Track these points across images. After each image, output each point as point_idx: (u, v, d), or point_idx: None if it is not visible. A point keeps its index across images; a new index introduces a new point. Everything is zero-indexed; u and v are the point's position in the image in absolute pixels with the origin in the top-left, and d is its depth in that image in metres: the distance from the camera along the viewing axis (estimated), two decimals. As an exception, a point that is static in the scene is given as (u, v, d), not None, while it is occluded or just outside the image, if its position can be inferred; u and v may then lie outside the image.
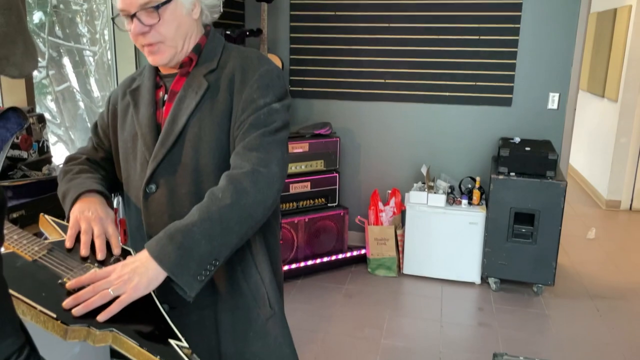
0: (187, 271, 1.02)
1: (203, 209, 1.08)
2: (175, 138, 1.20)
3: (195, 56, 1.25)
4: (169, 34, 1.19)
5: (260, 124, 1.17)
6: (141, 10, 1.15)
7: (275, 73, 1.22)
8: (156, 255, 1.03)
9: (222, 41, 1.30)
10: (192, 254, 1.03)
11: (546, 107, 3.70)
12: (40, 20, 3.08)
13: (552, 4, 3.57)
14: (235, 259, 1.21)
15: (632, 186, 5.28)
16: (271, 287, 1.25)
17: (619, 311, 3.31)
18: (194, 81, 1.23)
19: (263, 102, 1.18)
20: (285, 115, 1.22)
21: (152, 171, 1.21)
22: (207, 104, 1.20)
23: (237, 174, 1.12)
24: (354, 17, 3.89)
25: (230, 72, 1.22)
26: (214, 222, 1.06)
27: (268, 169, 1.13)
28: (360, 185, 4.13)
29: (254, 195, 1.10)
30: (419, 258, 3.69)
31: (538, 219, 3.33)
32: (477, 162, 3.88)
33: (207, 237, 1.04)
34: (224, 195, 1.09)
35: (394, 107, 3.96)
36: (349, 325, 3.10)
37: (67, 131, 3.49)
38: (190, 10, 1.22)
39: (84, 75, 3.47)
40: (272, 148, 1.16)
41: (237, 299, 1.22)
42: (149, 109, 1.26)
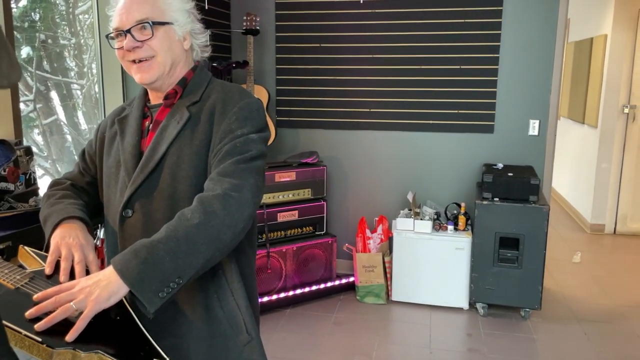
0: (148, 286, 1.03)
1: (171, 228, 1.09)
2: (154, 165, 1.24)
3: (180, 89, 1.31)
4: (160, 50, 1.26)
5: (236, 151, 1.20)
6: (136, 25, 1.23)
7: (255, 106, 1.27)
8: (119, 269, 1.04)
9: (208, 76, 1.36)
10: (155, 270, 1.04)
11: (527, 134, 3.79)
12: (28, 55, 3.12)
13: (529, 34, 3.69)
14: (212, 287, 1.23)
15: (615, 210, 5.37)
16: (247, 313, 1.25)
17: (607, 334, 3.33)
18: (177, 112, 1.28)
19: (240, 132, 1.22)
20: (262, 147, 1.24)
21: (129, 196, 1.24)
22: (188, 134, 1.25)
23: (208, 196, 1.14)
24: (338, 49, 3.98)
25: (212, 104, 1.27)
26: (180, 240, 1.07)
27: (240, 194, 1.14)
28: (348, 213, 4.16)
29: (223, 217, 1.11)
30: (407, 284, 3.70)
31: (523, 243, 3.37)
32: (462, 188, 3.94)
33: (171, 255, 1.05)
34: (192, 216, 1.10)
35: (379, 135, 4.03)
36: (339, 353, 3.08)
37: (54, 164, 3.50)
38: (182, 39, 1.31)
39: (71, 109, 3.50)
40: (246, 175, 1.18)
41: (213, 326, 1.23)
42: (134, 137, 1.31)
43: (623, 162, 5.28)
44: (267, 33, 4.07)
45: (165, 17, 1.27)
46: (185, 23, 1.31)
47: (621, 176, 5.30)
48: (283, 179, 3.66)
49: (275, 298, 3.58)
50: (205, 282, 1.22)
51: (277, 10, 4.05)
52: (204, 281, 1.22)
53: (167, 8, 1.28)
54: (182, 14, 1.31)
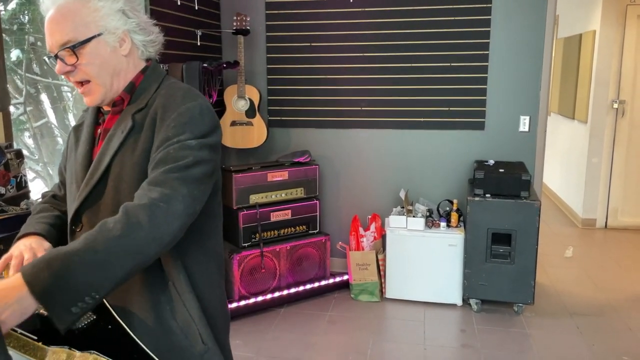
0: (59, 301, 0.95)
1: (90, 238, 1.02)
2: (98, 177, 1.19)
3: (127, 95, 1.24)
4: (92, 73, 1.18)
5: (169, 159, 1.12)
6: (62, 50, 1.16)
7: (197, 110, 1.17)
8: (28, 280, 0.96)
9: (159, 78, 1.27)
10: (68, 283, 0.96)
11: (518, 130, 3.81)
12: (18, 57, 3.11)
13: (519, 31, 3.71)
14: (163, 298, 1.19)
15: (606, 205, 5.41)
16: (202, 323, 1.21)
17: (599, 327, 3.36)
18: (123, 120, 1.22)
19: (177, 139, 1.14)
20: (202, 153, 1.15)
21: (75, 209, 1.22)
22: (130, 144, 1.18)
23: (134, 205, 1.06)
24: (329, 48, 3.99)
25: (154, 111, 1.19)
26: (98, 253, 0.99)
27: (168, 205, 1.06)
28: (341, 212, 4.17)
29: (148, 230, 1.04)
30: (400, 282, 3.71)
31: (515, 238, 3.39)
32: (454, 185, 3.96)
33: (87, 268, 0.98)
34: (114, 226, 1.03)
35: (371, 133, 4.04)
36: (333, 352, 3.09)
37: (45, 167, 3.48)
38: (117, 47, 1.20)
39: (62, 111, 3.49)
40: (177, 184, 1.09)
41: (167, 338, 1.18)
42: (85, 146, 1.27)
43: (613, 157, 5.32)
44: (257, 33, 4.07)
45: (90, 30, 1.16)
46: (118, 26, 1.20)
47: (611, 170, 5.35)
48: (275, 179, 3.67)
49: (269, 297, 3.59)
50: (156, 294, 1.19)
51: (267, 10, 4.05)
52: (155, 293, 1.19)
53: (92, 19, 1.17)
54: (112, 17, 1.19)
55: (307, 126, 4.12)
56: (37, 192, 3.00)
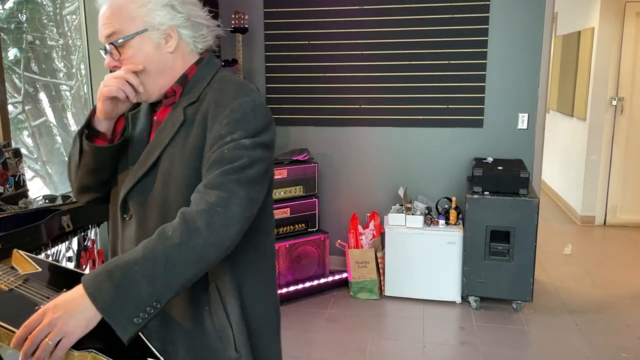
0: (122, 313, 0.95)
1: (148, 247, 1.00)
2: (146, 169, 1.18)
3: (179, 88, 1.21)
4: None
5: (224, 160, 1.08)
6: (108, 45, 1.16)
7: (249, 106, 1.13)
8: (91, 292, 0.96)
9: (213, 70, 1.23)
10: (130, 294, 0.96)
11: (516, 127, 3.81)
12: (16, 56, 3.11)
13: (517, 28, 3.71)
14: (204, 298, 1.17)
15: (605, 202, 5.41)
16: (239, 330, 1.18)
17: (598, 325, 3.37)
18: (174, 113, 1.19)
19: (230, 138, 1.10)
20: (257, 153, 1.11)
21: (123, 196, 1.20)
22: (181, 139, 1.16)
23: (191, 212, 1.04)
24: (327, 46, 3.99)
25: (205, 107, 1.16)
26: (158, 262, 0.98)
27: (226, 209, 1.04)
28: (340, 210, 4.17)
29: (207, 236, 1.02)
30: (399, 279, 3.72)
31: (514, 236, 3.40)
32: (453, 182, 3.96)
33: (148, 278, 0.97)
34: (173, 234, 1.01)
35: (370, 131, 4.04)
36: (333, 349, 3.10)
37: (44, 166, 3.48)
38: (161, 44, 1.17)
39: (60, 110, 3.48)
40: (234, 187, 1.06)
41: (202, 338, 1.17)
42: (142, 133, 1.26)
43: (612, 154, 5.33)
44: (255, 31, 4.07)
45: (134, 26, 1.14)
46: (163, 22, 1.16)
47: (610, 168, 5.35)
48: (274, 177, 3.66)
49: (268, 295, 3.59)
50: (197, 293, 1.17)
51: (266, 8, 4.04)
52: (196, 292, 1.17)
53: (137, 14, 1.15)
54: (158, 12, 1.16)
55: (306, 124, 4.12)
56: (36, 191, 3.00)
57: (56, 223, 1.81)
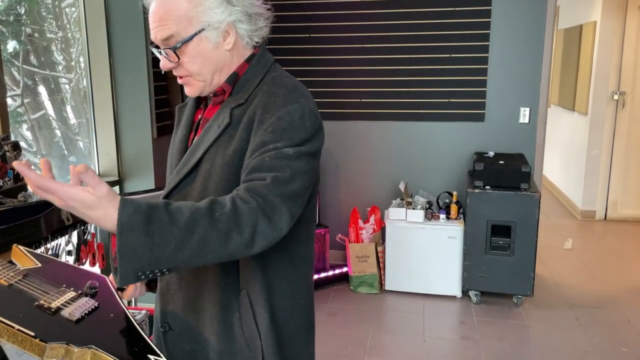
0: (137, 260, 0.91)
1: (195, 217, 0.96)
2: (188, 169, 1.15)
3: (229, 87, 1.16)
4: (193, 70, 1.13)
5: (264, 168, 1.03)
6: (164, 47, 1.11)
7: (298, 114, 1.07)
8: (122, 222, 0.90)
9: (265, 67, 1.18)
10: (154, 251, 0.92)
11: (518, 121, 3.80)
12: (15, 49, 3.09)
13: (519, 22, 3.69)
14: (235, 304, 1.15)
15: (606, 196, 5.40)
16: (267, 340, 1.15)
17: (598, 320, 3.37)
18: (222, 113, 1.15)
19: (273, 147, 1.05)
20: (299, 163, 1.05)
21: (165, 195, 1.19)
22: (225, 141, 1.12)
23: (244, 207, 0.99)
24: (328, 39, 3.96)
25: (252, 110, 1.11)
26: (194, 237, 0.94)
27: (269, 221, 1.00)
28: (340, 204, 4.16)
29: (245, 238, 0.98)
30: (400, 274, 3.71)
31: (514, 230, 3.39)
32: (454, 176, 3.95)
33: (178, 246, 0.93)
34: (220, 218, 0.97)
35: (371, 125, 4.02)
36: (333, 343, 3.10)
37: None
38: (219, 42, 1.12)
39: (59, 103, 3.46)
40: (279, 201, 1.02)
41: (230, 344, 1.15)
42: (184, 130, 1.24)
43: (613, 149, 5.31)
44: (256, 24, 4.04)
45: (192, 27, 1.09)
46: (221, 20, 1.10)
47: (611, 162, 5.34)
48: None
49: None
50: (228, 298, 1.15)
51: (265, 0, 4.01)
52: (226, 297, 1.15)
53: (194, 14, 1.09)
54: (216, 10, 1.10)
55: (306, 118, 4.10)
56: (35, 184, 2.99)
57: (56, 216, 1.80)
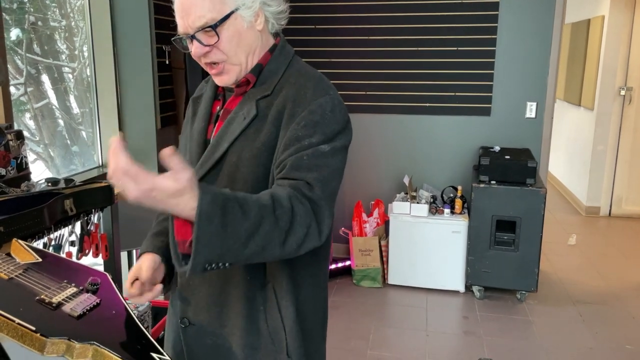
0: (207, 252, 0.90)
1: (262, 213, 0.95)
2: (214, 162, 1.13)
3: (253, 77, 1.15)
4: (230, 52, 1.10)
5: (303, 167, 1.03)
6: (199, 31, 1.08)
7: (329, 107, 1.08)
8: (201, 210, 0.88)
9: (287, 59, 1.18)
10: (226, 242, 0.91)
11: (524, 116, 3.77)
12: (18, 37, 3.06)
13: (527, 15, 3.64)
14: (260, 298, 1.14)
15: (611, 193, 5.37)
16: (292, 334, 1.15)
17: (602, 316, 3.35)
18: (246, 104, 1.13)
19: (308, 142, 1.04)
20: (335, 160, 1.07)
21: None
22: (252, 133, 1.10)
23: (301, 208, 0.99)
24: (333, 31, 3.93)
25: (281, 102, 1.10)
26: (260, 233, 0.94)
27: (318, 224, 1.01)
28: (344, 197, 4.14)
29: (297, 240, 0.99)
30: (403, 268, 3.70)
31: (519, 226, 3.37)
32: (458, 171, 3.92)
33: (245, 240, 0.93)
34: (281, 217, 0.96)
35: (375, 118, 4.00)
36: (335, 337, 3.09)
37: (46, 148, 3.45)
38: (253, 22, 1.11)
39: (63, 92, 3.44)
40: (324, 204, 1.02)
41: (254, 338, 1.15)
42: (201, 122, 1.21)
43: (619, 145, 5.28)
44: (261, 15, 4.00)
45: (227, 6, 1.07)
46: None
47: (617, 158, 5.30)
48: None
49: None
50: (254, 292, 1.14)
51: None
52: (252, 291, 1.14)
53: None
54: None
55: (311, 110, 4.07)
56: (38, 174, 2.97)
57: (59, 207, 1.78)
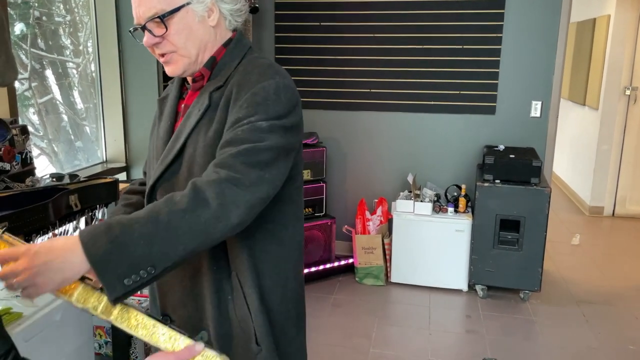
0: (113, 269, 0.90)
1: (153, 210, 0.97)
2: (173, 156, 1.15)
3: (207, 71, 1.18)
4: (179, 44, 1.13)
5: (236, 140, 1.05)
6: (149, 22, 1.11)
7: (272, 89, 1.09)
8: (85, 242, 0.90)
9: (243, 51, 1.19)
10: (124, 252, 0.91)
11: (529, 115, 3.75)
12: (22, 31, 3.06)
13: (533, 14, 3.63)
14: (227, 287, 1.16)
15: (615, 192, 5.36)
16: (258, 321, 1.16)
17: (605, 316, 3.34)
18: (201, 98, 1.16)
19: (247, 121, 1.07)
20: (272, 135, 1.07)
21: (151, 186, 1.19)
22: (205, 124, 1.13)
23: (202, 182, 1.01)
24: (338, 28, 3.91)
25: (229, 90, 1.13)
26: (160, 225, 0.94)
27: (237, 188, 1.01)
28: (347, 195, 4.14)
29: (214, 209, 0.98)
30: (406, 266, 3.69)
31: (523, 225, 3.36)
32: (463, 170, 3.91)
33: (146, 239, 0.93)
34: (180, 200, 0.98)
35: (380, 116, 3.98)
36: (338, 334, 3.08)
37: (50, 143, 3.44)
38: (204, 17, 1.14)
39: (67, 87, 3.43)
40: (245, 168, 1.03)
41: (227, 327, 1.17)
42: (167, 121, 1.24)
43: (623, 145, 5.26)
44: (266, 11, 4.00)
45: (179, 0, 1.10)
46: None
47: (621, 158, 5.28)
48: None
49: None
50: (220, 282, 1.16)
51: (277, -13, 3.97)
52: (219, 280, 1.16)
53: None
54: None
55: (315, 107, 4.07)
56: (42, 169, 2.97)
57: (64, 202, 1.78)
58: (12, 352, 0.75)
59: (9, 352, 0.75)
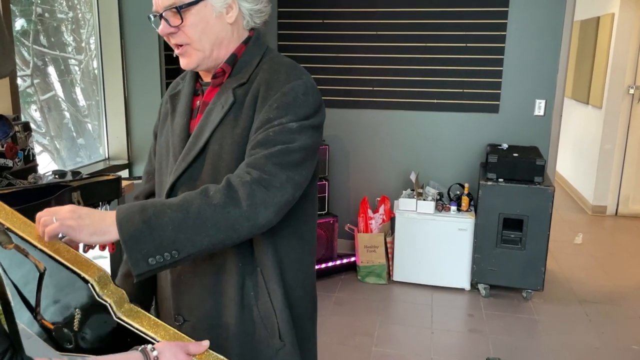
0: (140, 247, 0.98)
1: (187, 199, 1.03)
2: (196, 153, 1.15)
3: (228, 68, 1.18)
4: (194, 37, 1.13)
5: (269, 142, 1.07)
6: (167, 10, 1.11)
7: (302, 90, 1.12)
8: (120, 219, 0.99)
9: (262, 50, 1.21)
10: (153, 233, 0.98)
11: (533, 114, 3.74)
12: (23, 27, 3.05)
13: (537, 12, 3.61)
14: (249, 283, 1.16)
15: (618, 192, 5.34)
16: (282, 317, 1.17)
17: (608, 315, 3.33)
18: (223, 94, 1.16)
19: (277, 122, 1.08)
20: (303, 136, 1.09)
21: (171, 184, 1.18)
22: (231, 120, 1.13)
23: (236, 181, 1.04)
24: (342, 25, 3.90)
25: (256, 88, 1.14)
26: (190, 214, 1.00)
27: (267, 189, 1.04)
28: (350, 193, 4.13)
29: (244, 208, 1.02)
30: (408, 265, 3.68)
31: (527, 224, 3.34)
32: (466, 168, 3.90)
33: (175, 225, 0.99)
34: (214, 195, 1.02)
35: (383, 114, 3.97)
36: (340, 333, 3.08)
37: (52, 140, 3.44)
38: (222, 13, 1.14)
39: (69, 84, 3.43)
40: (277, 170, 1.05)
41: (248, 325, 1.17)
42: (183, 117, 1.22)
43: (627, 144, 5.24)
44: (269, 8, 3.98)
45: None
46: None
47: (624, 157, 5.27)
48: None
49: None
50: (244, 277, 1.16)
51: (280, -15, 3.96)
52: (242, 276, 1.16)
53: None
54: None
55: (318, 105, 4.05)
56: (44, 166, 2.96)
57: (67, 199, 1.77)
58: (8, 352, 0.76)
59: (6, 352, 0.76)
